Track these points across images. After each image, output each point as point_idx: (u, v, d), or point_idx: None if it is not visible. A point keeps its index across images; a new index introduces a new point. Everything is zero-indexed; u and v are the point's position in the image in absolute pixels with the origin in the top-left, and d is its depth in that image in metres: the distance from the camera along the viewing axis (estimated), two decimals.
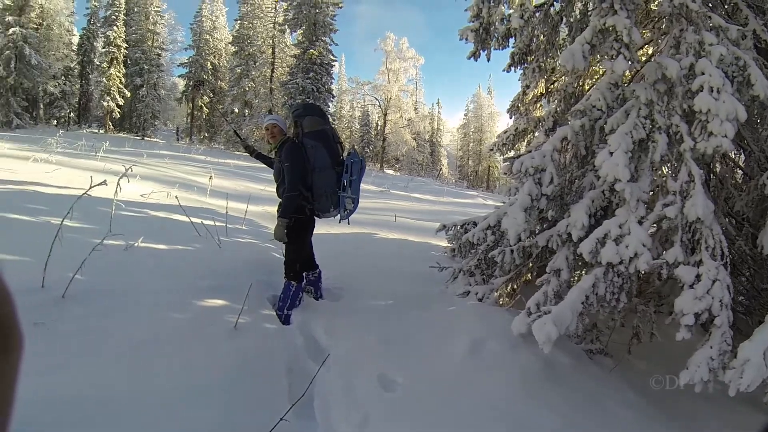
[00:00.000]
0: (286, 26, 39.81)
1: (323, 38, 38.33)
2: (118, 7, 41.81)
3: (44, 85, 37.95)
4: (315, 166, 5.14)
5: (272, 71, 41.09)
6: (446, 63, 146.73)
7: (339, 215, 5.39)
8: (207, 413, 3.24)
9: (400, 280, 6.39)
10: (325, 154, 5.17)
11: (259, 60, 41.31)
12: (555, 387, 3.90)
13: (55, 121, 40.19)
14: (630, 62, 4.09)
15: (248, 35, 41.79)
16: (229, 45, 45.94)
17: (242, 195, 7.82)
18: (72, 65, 42.00)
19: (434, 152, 62.37)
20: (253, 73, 40.76)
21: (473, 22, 6.27)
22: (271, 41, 41.55)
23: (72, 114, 42.54)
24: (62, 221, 4.97)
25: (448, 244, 7.81)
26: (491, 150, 8.12)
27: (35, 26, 36.27)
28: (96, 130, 39.42)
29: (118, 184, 6.57)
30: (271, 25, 41.50)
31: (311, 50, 37.36)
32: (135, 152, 22.19)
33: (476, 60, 6.39)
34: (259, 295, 5.15)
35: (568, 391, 3.92)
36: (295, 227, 5.12)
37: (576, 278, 4.93)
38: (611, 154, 3.96)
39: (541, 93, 7.12)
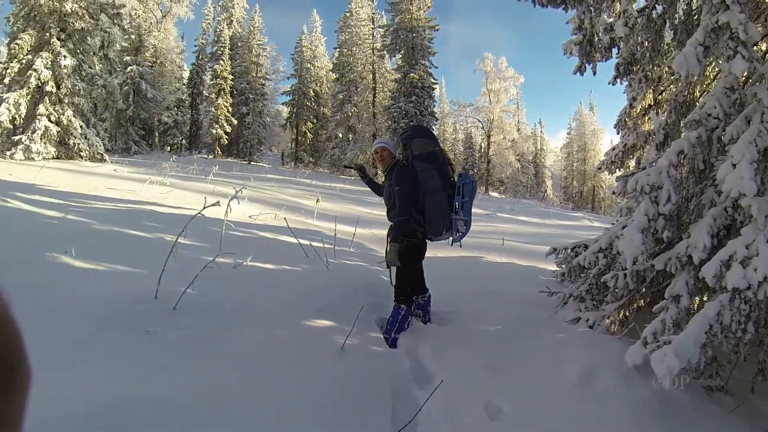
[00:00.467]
0: (385, 51, 40.54)
1: (422, 61, 38.67)
2: (223, 43, 44.48)
3: (159, 116, 40.91)
4: (426, 189, 4.97)
5: (374, 96, 41.68)
6: (543, 79, 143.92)
7: (451, 238, 5.16)
8: (310, 430, 3.16)
9: (509, 305, 6.11)
10: (437, 176, 4.99)
11: (360, 85, 42.01)
12: (671, 426, 3.53)
13: (169, 148, 42.62)
14: (749, 62, 3.71)
15: (348, 62, 42.86)
16: (330, 72, 47.40)
17: (349, 218, 7.89)
18: (183, 97, 44.57)
19: (538, 173, 61.14)
20: (356, 98, 41.56)
21: (576, 34, 6.08)
22: (371, 67, 42.20)
23: (184, 141, 45.22)
24: (177, 239, 5.22)
25: (557, 268, 7.37)
26: (599, 169, 7.74)
27: (150, 64, 39.04)
28: (206, 156, 41.31)
29: (229, 205, 6.79)
30: (370, 51, 42.25)
31: (411, 74, 37.66)
32: (242, 176, 23.15)
33: (582, 74, 6.16)
34: (366, 318, 5.03)
35: (684, 431, 3.54)
36: (407, 251, 4.94)
37: (697, 305, 4.48)
38: (734, 166, 3.59)
39: (649, 104, 6.72)
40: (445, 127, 61.57)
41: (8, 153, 20.91)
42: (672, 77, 6.37)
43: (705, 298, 4.37)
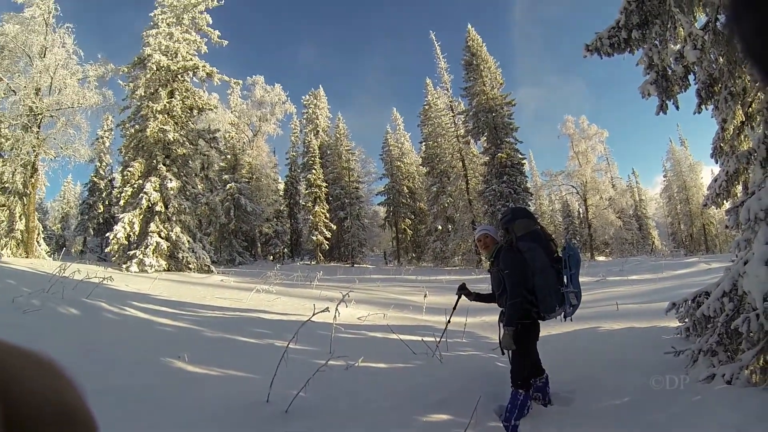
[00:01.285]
0: (469, 136, 40.66)
1: (507, 139, 38.48)
2: (312, 153, 46.40)
3: (259, 227, 43.35)
4: (535, 268, 4.85)
5: (467, 183, 41.56)
6: (627, 129, 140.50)
7: (564, 313, 4.97)
8: None
9: (633, 373, 5.58)
10: (543, 254, 4.90)
11: (451, 175, 42.25)
12: None
13: (272, 257, 44.71)
14: None
15: (436, 153, 43.43)
16: (420, 167, 48.14)
17: (460, 308, 7.74)
18: (281, 208, 46.76)
19: (642, 226, 58.25)
20: (449, 188, 41.71)
21: (648, 73, 5.84)
22: (459, 154, 42.36)
23: (285, 249, 47.18)
24: (288, 344, 5.19)
25: (680, 323, 6.77)
26: (705, 205, 7.29)
27: (246, 180, 41.67)
28: (308, 262, 42.28)
29: (337, 309, 6.93)
30: (455, 139, 42.55)
31: (499, 154, 37.51)
32: (347, 278, 23.48)
33: (665, 113, 5.93)
34: (485, 407, 4.79)
35: None
36: (522, 333, 4.74)
37: None
38: None
39: (741, 122, 6.17)
40: (541, 200, 60.39)
41: (124, 266, 23.13)
42: (757, 84, 5.95)
43: None
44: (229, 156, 39.99)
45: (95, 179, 44.07)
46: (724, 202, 6.67)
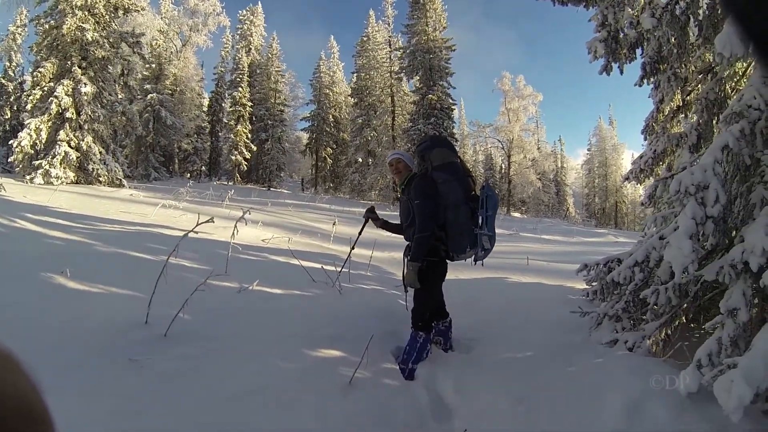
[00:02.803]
0: (403, 74, 40.38)
1: (440, 83, 38.36)
2: (241, 70, 44.75)
3: (179, 143, 41.71)
4: (448, 202, 4.52)
5: (393, 119, 41.57)
6: (561, 97, 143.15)
7: (475, 256, 4.69)
8: None
9: (537, 329, 5.54)
10: (459, 189, 4.56)
11: (379, 109, 42.03)
12: None
13: (189, 174, 42.83)
14: None
15: (366, 86, 42.83)
16: (349, 97, 47.40)
17: (367, 241, 7.42)
18: (203, 124, 44.92)
19: (559, 192, 60.51)
20: (374, 122, 41.49)
21: (600, 31, 5.74)
22: (389, 90, 42.15)
23: (204, 168, 45.46)
24: (167, 259, 4.78)
25: (587, 286, 6.77)
26: (626, 179, 7.37)
27: (170, 92, 39.59)
28: (226, 182, 41.45)
29: (236, 227, 6.76)
30: (388, 75, 42.22)
31: (430, 95, 37.40)
32: (260, 201, 23.04)
33: (608, 74, 5.97)
34: (381, 347, 4.62)
35: None
36: (427, 271, 4.46)
37: (754, 317, 3.93)
38: None
39: (678, 106, 6.29)
40: (465, 149, 60.98)
41: (28, 177, 21.55)
42: (699, 76, 5.94)
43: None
44: (153, 65, 38.05)
45: (3, 80, 38.91)
46: (647, 178, 6.81)
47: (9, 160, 23.90)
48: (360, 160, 41.86)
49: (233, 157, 41.68)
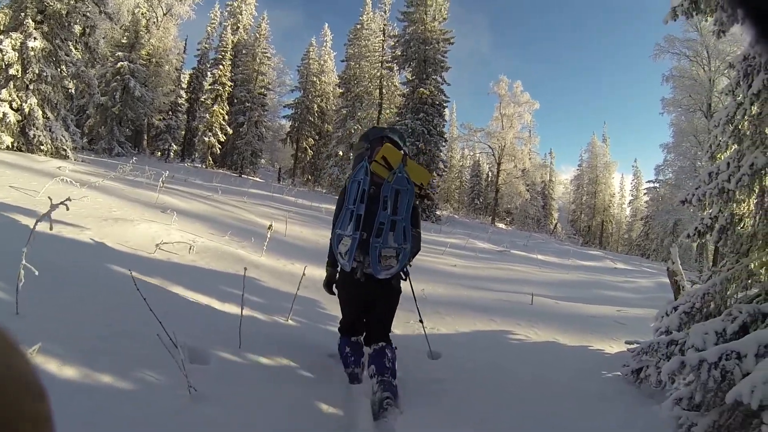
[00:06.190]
0: (394, 64, 38.22)
1: (434, 76, 36.21)
2: (224, 47, 42.24)
3: (149, 118, 38.98)
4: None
5: (379, 112, 39.15)
6: (553, 109, 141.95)
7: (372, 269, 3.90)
8: None
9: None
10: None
11: (365, 101, 39.58)
12: None
13: (160, 153, 40.43)
14: None
15: (355, 75, 40.32)
16: (336, 87, 45.05)
17: (321, 251, 4.82)
18: (180, 101, 42.49)
19: (546, 205, 59.16)
20: (360, 114, 38.92)
21: None
22: (378, 81, 39.71)
23: (175, 147, 42.68)
24: None
25: (635, 356, 4.42)
26: (684, 203, 4.75)
27: (144, 62, 36.80)
28: (198, 165, 39.21)
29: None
30: (379, 65, 39.77)
31: (421, 89, 35.20)
32: (211, 187, 19.98)
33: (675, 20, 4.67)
34: None
35: None
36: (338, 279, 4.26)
37: None
38: None
39: None
40: (453, 152, 59.16)
41: None
42: None
43: None
44: (130, 33, 35.15)
45: None
46: (729, 204, 4.38)
47: None
48: (341, 153, 39.04)
49: (206, 139, 39.11)
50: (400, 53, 37.49)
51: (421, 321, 5.10)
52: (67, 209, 4.08)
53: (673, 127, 35.94)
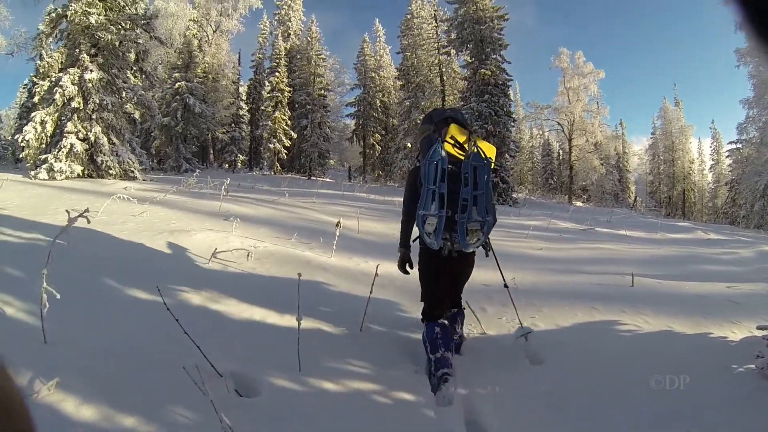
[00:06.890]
0: (451, 48, 37.27)
1: (493, 56, 34.93)
2: (278, 54, 42.71)
3: (213, 132, 39.96)
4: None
5: (443, 99, 38.19)
6: (619, 79, 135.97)
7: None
8: None
9: None
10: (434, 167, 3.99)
11: (427, 90, 38.88)
12: None
13: (227, 165, 41.15)
14: None
15: (413, 65, 39.70)
16: (396, 80, 44.64)
17: (397, 245, 4.19)
18: (241, 113, 43.17)
19: (622, 179, 56.03)
20: (423, 103, 38.04)
21: None
22: (437, 68, 38.88)
23: (242, 157, 43.76)
24: None
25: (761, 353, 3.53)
26: None
27: (201, 80, 37.56)
28: (267, 172, 39.73)
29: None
30: (435, 51, 38.96)
31: (482, 70, 33.99)
32: (278, 191, 19.41)
33: None
34: None
35: None
36: (420, 258, 4.24)
37: None
38: None
39: None
40: (522, 134, 57.53)
41: (32, 173, 19.11)
42: None
43: None
44: (183, 54, 35.95)
45: (35, 79, 37.60)
46: None
47: (20, 156, 21.82)
48: (409, 145, 38.15)
49: (272, 146, 39.51)
50: (455, 37, 36.36)
51: (520, 323, 4.87)
52: (88, 222, 3.57)
53: (753, 79, 33.71)
